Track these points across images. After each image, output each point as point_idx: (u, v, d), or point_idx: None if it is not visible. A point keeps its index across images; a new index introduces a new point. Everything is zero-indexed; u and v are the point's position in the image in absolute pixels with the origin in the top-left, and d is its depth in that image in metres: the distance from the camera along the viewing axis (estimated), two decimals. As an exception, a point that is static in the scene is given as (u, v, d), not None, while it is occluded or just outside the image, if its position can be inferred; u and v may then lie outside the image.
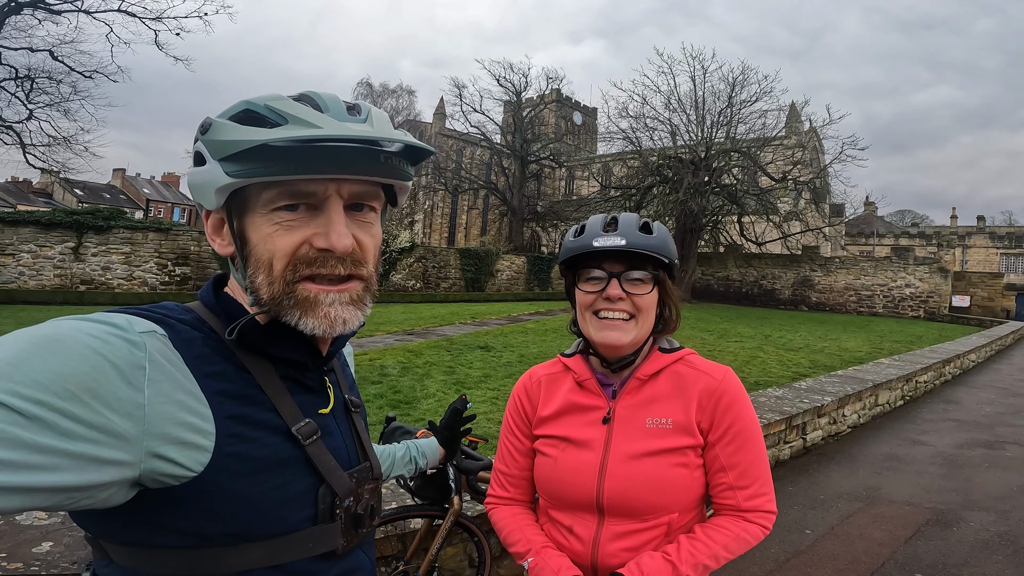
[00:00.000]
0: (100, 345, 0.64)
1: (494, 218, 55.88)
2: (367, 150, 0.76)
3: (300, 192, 0.76)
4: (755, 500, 1.19)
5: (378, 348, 11.07)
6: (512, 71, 46.06)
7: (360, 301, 0.83)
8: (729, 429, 1.20)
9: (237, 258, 0.81)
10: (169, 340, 0.71)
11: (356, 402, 0.98)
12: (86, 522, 0.73)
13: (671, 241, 1.26)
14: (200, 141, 0.76)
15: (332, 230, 0.77)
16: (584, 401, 1.27)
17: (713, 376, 1.24)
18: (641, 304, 1.21)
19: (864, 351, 14.35)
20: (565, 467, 1.22)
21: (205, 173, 0.76)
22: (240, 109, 0.76)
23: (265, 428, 0.76)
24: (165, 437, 0.66)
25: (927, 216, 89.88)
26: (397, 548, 2.44)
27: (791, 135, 35.75)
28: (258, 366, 0.79)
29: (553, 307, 25.74)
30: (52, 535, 2.08)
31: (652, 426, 1.20)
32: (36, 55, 24.34)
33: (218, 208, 0.78)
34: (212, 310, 0.82)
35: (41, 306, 17.12)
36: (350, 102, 0.81)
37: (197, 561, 0.72)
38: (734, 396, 1.22)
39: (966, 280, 35.73)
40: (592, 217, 1.28)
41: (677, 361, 1.27)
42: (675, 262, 1.25)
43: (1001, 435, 6.97)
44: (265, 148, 0.72)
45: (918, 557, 3.69)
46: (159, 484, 0.68)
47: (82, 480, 0.60)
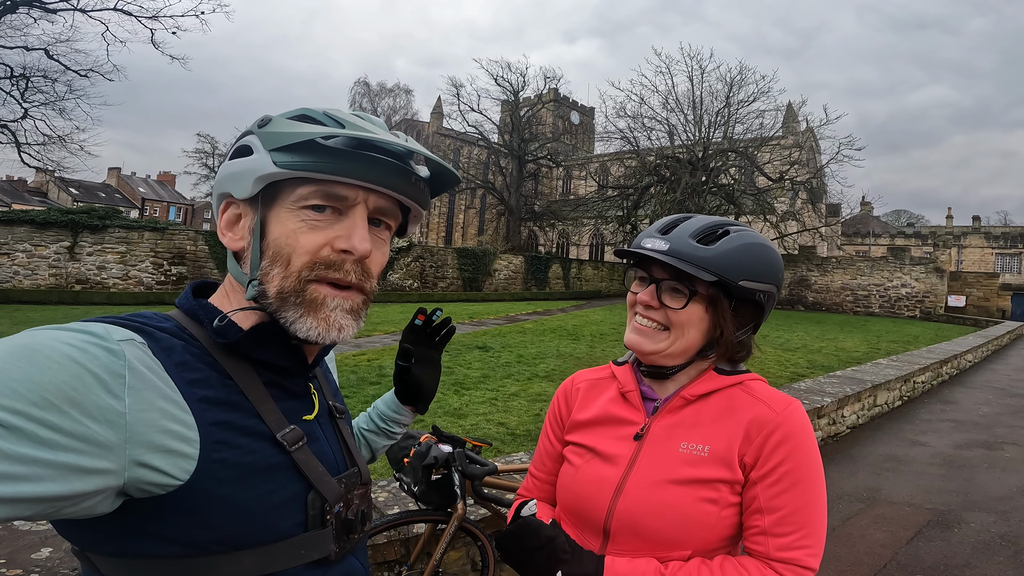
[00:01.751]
0: (78, 354, 0.63)
1: (491, 217, 55.86)
2: (402, 168, 0.82)
3: (333, 195, 0.80)
4: (791, 552, 1.00)
5: (376, 348, 11.04)
6: (510, 70, 46.10)
7: (357, 312, 0.84)
8: (777, 468, 1.02)
9: (249, 251, 0.82)
10: (148, 348, 0.71)
11: (341, 408, 0.98)
12: (73, 534, 0.72)
13: (746, 257, 1.08)
14: (254, 134, 0.81)
15: (355, 233, 0.81)
16: (622, 413, 1.17)
17: (771, 406, 1.07)
18: (674, 319, 1.09)
19: (862, 351, 14.39)
20: (584, 479, 1.14)
21: (249, 162, 0.79)
22: (297, 112, 0.82)
23: (250, 434, 0.76)
24: (148, 445, 0.66)
25: (923, 216, 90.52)
26: (400, 553, 2.42)
27: (788, 135, 35.90)
28: (241, 372, 0.79)
29: (551, 307, 25.77)
30: (51, 541, 2.07)
31: (686, 451, 1.07)
32: (31, 54, 24.29)
33: (248, 197, 0.80)
34: (192, 317, 0.81)
35: (36, 306, 17.04)
36: (393, 131, 0.87)
37: (189, 570, 0.71)
38: (791, 431, 1.04)
39: (962, 280, 35.90)
40: (671, 215, 1.18)
41: (735, 385, 1.13)
42: (738, 282, 1.07)
43: (999, 435, 6.99)
44: (319, 145, 0.78)
45: (920, 558, 3.69)
46: (145, 493, 0.67)
47: (65, 490, 0.60)
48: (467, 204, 61.55)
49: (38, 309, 15.99)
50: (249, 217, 0.82)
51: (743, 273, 1.07)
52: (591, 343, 13.44)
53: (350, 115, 0.82)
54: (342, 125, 0.80)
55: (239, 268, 0.84)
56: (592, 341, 13.82)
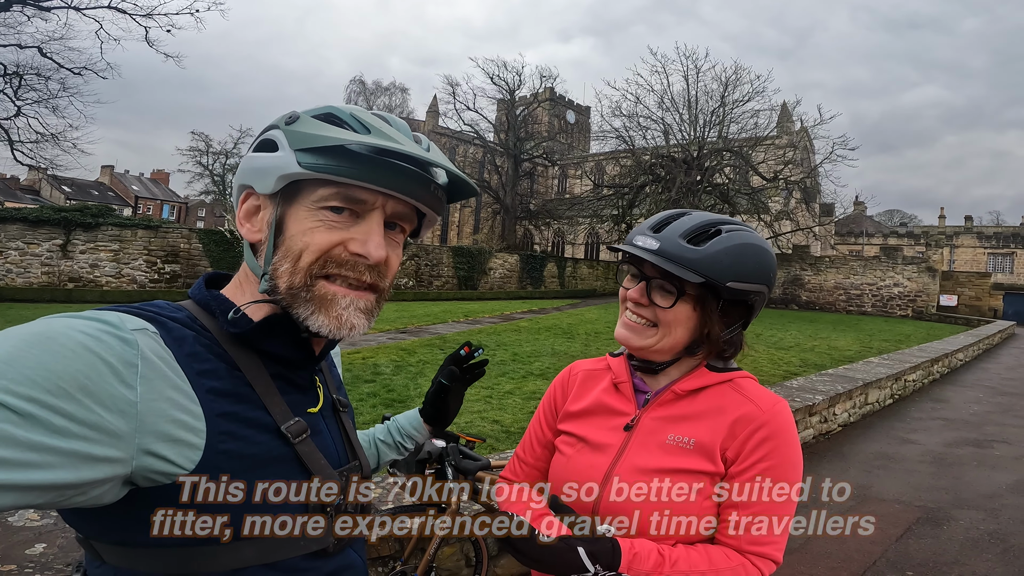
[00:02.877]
0: (93, 343, 0.64)
1: (487, 216, 55.81)
2: (422, 176, 0.83)
3: (353, 198, 0.81)
4: (760, 547, 1.05)
5: (371, 347, 11.03)
6: (506, 69, 45.94)
7: (370, 312, 0.85)
8: (756, 464, 1.05)
9: (264, 245, 0.83)
10: (161, 338, 0.72)
11: (344, 402, 0.99)
12: (78, 522, 0.73)
13: (734, 259, 1.07)
14: (280, 129, 0.81)
15: (371, 239, 0.82)
16: (614, 404, 1.20)
17: (758, 405, 1.10)
18: (662, 316, 1.10)
19: (854, 350, 14.47)
20: (576, 467, 1.17)
21: (275, 159, 0.80)
22: (324, 111, 0.82)
23: (255, 426, 0.77)
24: (157, 434, 0.67)
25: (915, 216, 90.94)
26: (394, 548, 2.44)
27: (782, 135, 35.96)
28: (249, 363, 0.80)
29: (546, 305, 25.79)
30: (45, 536, 2.07)
31: (672, 443, 1.10)
32: (25, 51, 24.18)
33: (271, 193, 0.81)
34: (204, 308, 0.82)
35: (28, 304, 16.94)
36: (414, 133, 0.88)
37: (190, 559, 0.72)
38: (775, 431, 1.07)
39: (954, 279, 36.10)
40: (666, 211, 1.18)
41: (725, 382, 1.15)
42: (725, 283, 1.06)
43: (989, 434, 7.05)
44: (344, 149, 0.78)
45: (909, 555, 3.73)
46: (151, 482, 0.68)
47: (75, 478, 0.61)
48: (463, 203, 61.46)
49: (30, 307, 15.89)
50: (268, 211, 0.83)
51: (732, 274, 1.07)
52: (586, 341, 13.47)
53: (376, 119, 0.82)
54: (368, 129, 0.80)
55: (255, 260, 0.85)
56: (587, 339, 13.85)
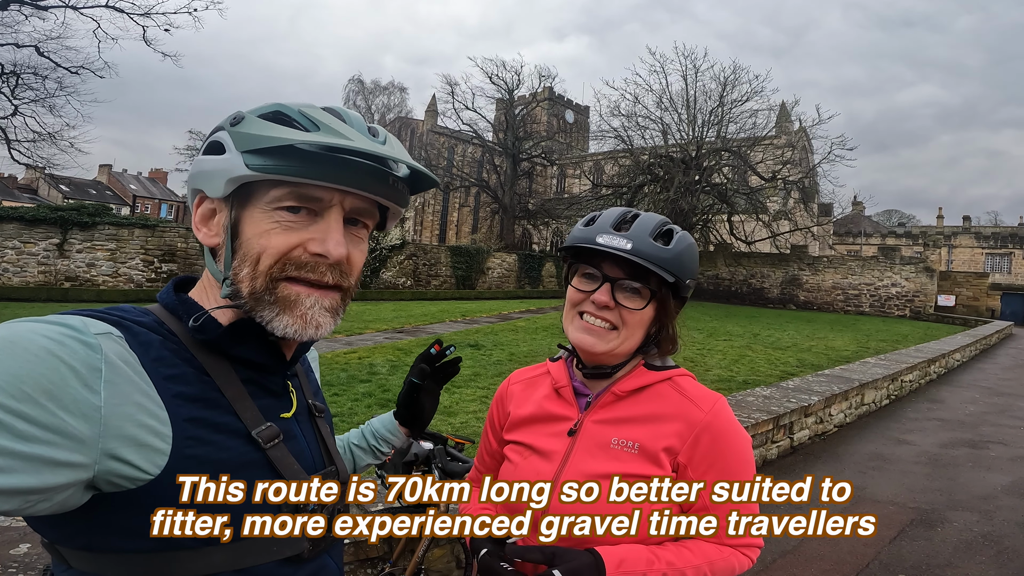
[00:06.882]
0: (55, 347, 0.63)
1: (485, 216, 55.86)
2: (379, 170, 0.81)
3: (307, 196, 0.79)
4: (740, 538, 1.09)
5: (367, 346, 11.00)
6: (504, 69, 46.02)
7: (336, 310, 0.84)
8: (711, 469, 1.08)
9: (222, 249, 0.81)
10: (126, 342, 0.71)
11: (320, 407, 0.98)
12: (43, 527, 0.72)
13: (691, 257, 1.13)
14: (225, 131, 0.79)
15: (330, 237, 0.80)
16: (556, 410, 1.19)
17: (699, 406, 1.11)
18: (629, 319, 1.10)
19: (851, 350, 14.48)
20: (521, 476, 1.14)
21: (222, 161, 0.78)
22: (272, 110, 0.80)
23: (224, 431, 0.76)
24: (122, 438, 0.66)
25: (913, 216, 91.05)
26: (383, 550, 2.43)
27: (781, 135, 35.98)
28: (218, 369, 0.79)
29: (543, 305, 25.78)
30: (30, 537, 2.06)
31: (616, 447, 1.10)
32: (22, 50, 24.10)
33: (221, 197, 0.79)
34: (172, 312, 0.81)
35: (25, 303, 16.89)
36: (370, 125, 0.86)
37: (158, 565, 0.71)
38: (720, 432, 1.10)
39: (951, 280, 36.14)
40: (611, 208, 1.16)
41: (664, 381, 1.15)
42: (685, 281, 1.11)
43: (985, 434, 7.05)
44: (292, 148, 0.76)
45: (902, 557, 3.72)
46: (114, 487, 0.67)
47: (37, 482, 0.60)
48: (461, 202, 61.45)
49: (26, 306, 15.86)
50: (223, 214, 0.81)
51: (689, 272, 1.12)
52: (583, 342, 13.45)
53: (325, 115, 0.80)
54: (317, 126, 0.78)
55: (215, 265, 0.83)
56: (584, 340, 13.83)
